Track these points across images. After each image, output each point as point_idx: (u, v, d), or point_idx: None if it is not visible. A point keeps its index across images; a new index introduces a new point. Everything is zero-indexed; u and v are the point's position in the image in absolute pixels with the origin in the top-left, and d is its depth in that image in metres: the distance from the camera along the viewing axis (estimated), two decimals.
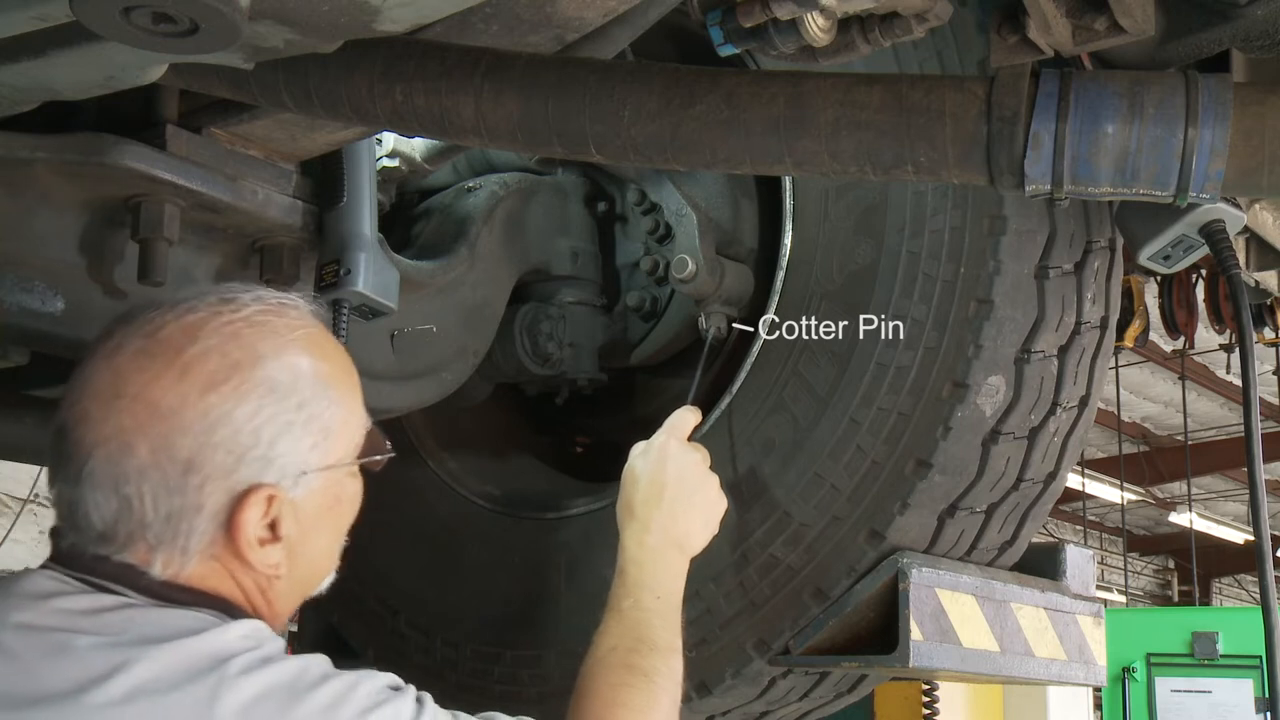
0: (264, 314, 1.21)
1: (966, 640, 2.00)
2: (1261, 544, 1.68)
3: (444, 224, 2.37)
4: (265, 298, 1.23)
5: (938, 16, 1.38)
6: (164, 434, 1.13)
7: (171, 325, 1.17)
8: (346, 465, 1.26)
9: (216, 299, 1.21)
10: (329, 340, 1.27)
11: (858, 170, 1.42)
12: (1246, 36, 1.47)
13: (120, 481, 1.13)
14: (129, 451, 1.12)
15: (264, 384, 1.17)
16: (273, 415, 1.17)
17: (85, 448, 1.14)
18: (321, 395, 1.21)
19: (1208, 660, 7.02)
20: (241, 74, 1.45)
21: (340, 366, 1.27)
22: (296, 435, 1.19)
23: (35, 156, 1.65)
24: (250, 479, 1.16)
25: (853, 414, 2.01)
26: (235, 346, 1.17)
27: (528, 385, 2.62)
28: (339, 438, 1.24)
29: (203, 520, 1.15)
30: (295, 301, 1.25)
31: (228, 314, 1.19)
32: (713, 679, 2.14)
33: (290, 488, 1.19)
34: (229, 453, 1.14)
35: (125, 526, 1.14)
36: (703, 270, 2.27)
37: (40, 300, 1.74)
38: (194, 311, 1.19)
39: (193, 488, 1.13)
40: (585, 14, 1.49)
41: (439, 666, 2.52)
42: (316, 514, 1.24)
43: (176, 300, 1.21)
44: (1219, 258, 1.71)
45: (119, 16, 1.08)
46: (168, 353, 1.15)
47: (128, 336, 1.17)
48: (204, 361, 1.15)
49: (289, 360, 1.19)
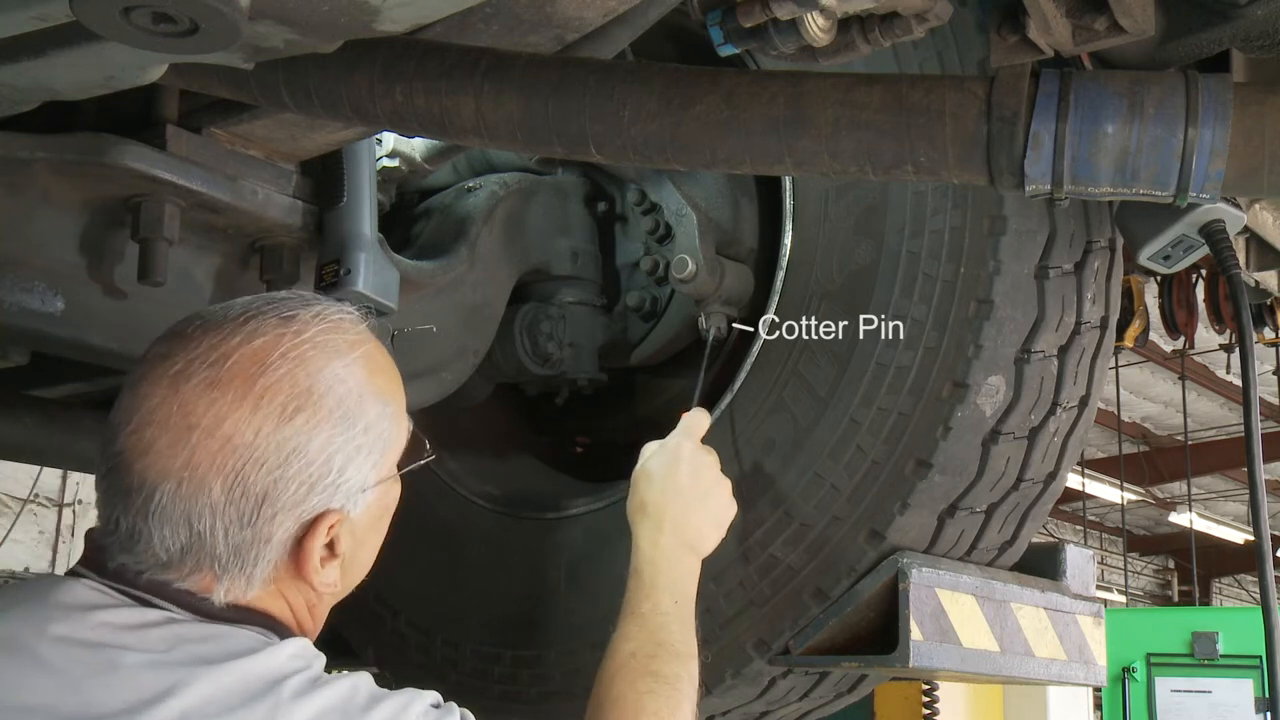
0: (325, 333, 1.19)
1: (966, 640, 2.00)
2: (1261, 544, 1.68)
3: (444, 224, 2.37)
4: (324, 313, 1.21)
5: (938, 16, 1.37)
6: (238, 468, 1.11)
7: (238, 353, 1.14)
8: (391, 476, 1.26)
9: (277, 319, 1.18)
10: (383, 352, 1.26)
11: (858, 170, 1.42)
12: (1246, 36, 1.47)
13: (193, 518, 1.11)
14: (202, 488, 1.10)
15: (335, 411, 1.16)
16: (344, 443, 1.16)
17: (152, 481, 1.11)
18: (384, 413, 1.21)
19: (1208, 660, 7.02)
20: (241, 74, 1.45)
21: (394, 380, 1.26)
22: (363, 458, 1.19)
23: (35, 156, 1.65)
24: (320, 507, 1.15)
25: (853, 414, 2.01)
26: (304, 373, 1.15)
27: (528, 385, 2.62)
28: (393, 450, 1.25)
29: (271, 550, 1.14)
30: (350, 313, 1.24)
31: (291, 337, 1.17)
32: (713, 679, 2.13)
33: (351, 508, 1.19)
34: (302, 484, 1.13)
35: (193, 559, 1.12)
36: (703, 270, 2.27)
37: (40, 300, 1.74)
38: (259, 335, 1.16)
39: (265, 520, 1.12)
40: (585, 14, 1.49)
41: (439, 666, 2.52)
42: (369, 525, 1.25)
43: (234, 317, 1.18)
44: (1219, 258, 1.71)
45: (119, 16, 1.08)
46: (238, 383, 1.12)
47: (192, 363, 1.14)
48: (276, 392, 1.13)
49: (355, 384, 1.18)
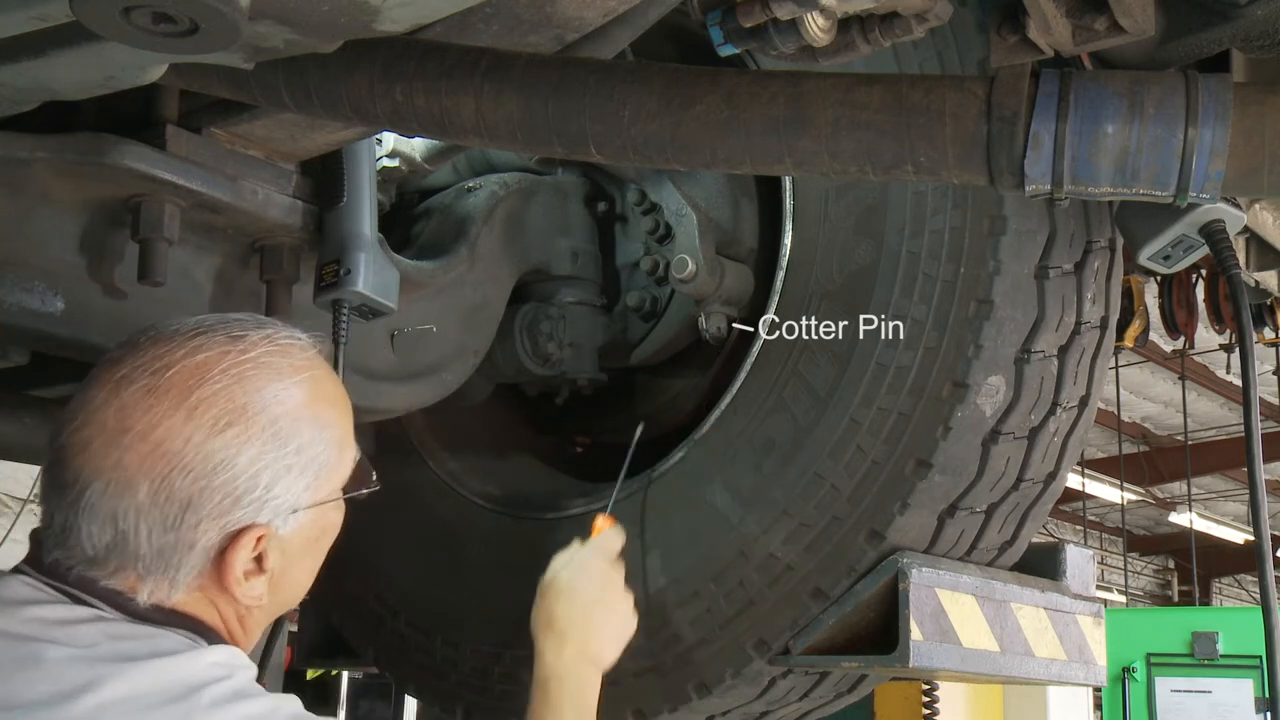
0: (270, 355, 1.22)
1: (966, 640, 2.00)
2: (1261, 544, 1.68)
3: (444, 224, 2.37)
4: (274, 336, 1.24)
5: (938, 16, 1.37)
6: (165, 474, 1.14)
7: (180, 364, 1.18)
8: (334, 500, 1.29)
9: (225, 336, 1.22)
10: (330, 380, 1.29)
11: (858, 170, 1.42)
12: (1246, 36, 1.47)
13: (118, 516, 1.14)
14: (129, 488, 1.14)
15: (267, 429, 1.19)
16: (273, 460, 1.19)
17: (85, 477, 1.15)
18: (320, 438, 1.24)
19: (1208, 660, 7.02)
20: (241, 74, 1.45)
21: (339, 407, 1.29)
22: (294, 478, 1.21)
23: (35, 156, 1.65)
24: (245, 520, 1.18)
25: (853, 414, 2.01)
26: (241, 390, 1.18)
27: (528, 385, 2.62)
28: (331, 475, 1.27)
29: (194, 556, 1.17)
30: (301, 339, 1.27)
31: (235, 354, 1.20)
32: (713, 679, 2.13)
33: (280, 526, 1.21)
34: (227, 495, 1.16)
35: (117, 557, 1.16)
36: (703, 270, 2.27)
37: (40, 300, 1.74)
38: (203, 350, 1.20)
39: (188, 526, 1.15)
40: (585, 14, 1.49)
41: (439, 666, 2.52)
42: (302, 546, 1.26)
43: (185, 329, 1.22)
44: (1219, 258, 1.71)
45: (119, 16, 1.08)
46: (175, 393, 1.16)
47: (136, 370, 1.18)
48: (210, 405, 1.17)
49: (292, 405, 1.21)
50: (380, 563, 2.62)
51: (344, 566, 2.66)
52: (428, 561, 2.57)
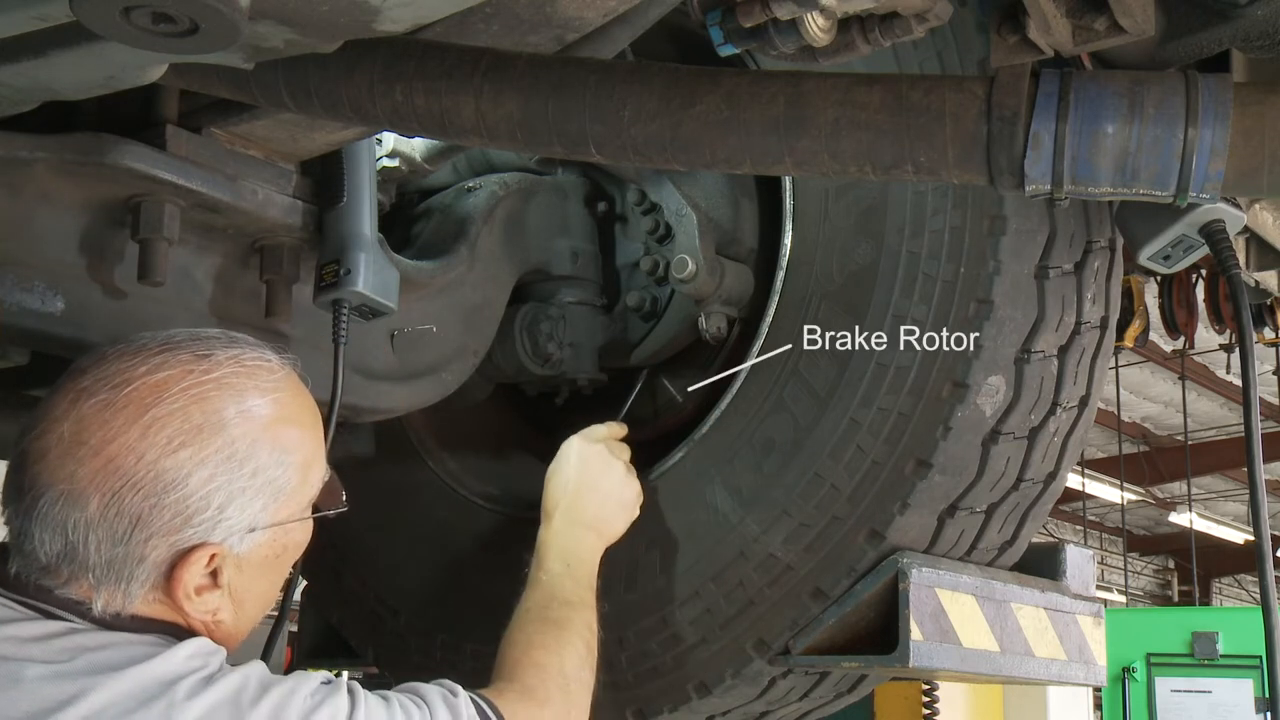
0: (236, 375, 1.23)
1: (966, 640, 2.00)
2: (1261, 544, 1.68)
3: (444, 224, 2.37)
4: (241, 357, 1.24)
5: (938, 16, 1.37)
6: (116, 489, 1.15)
7: (140, 380, 1.18)
8: (296, 519, 1.29)
9: (190, 355, 1.22)
10: (297, 402, 1.29)
11: (858, 170, 1.42)
12: (1246, 36, 1.47)
13: (69, 526, 1.15)
14: (80, 500, 1.15)
15: (221, 451, 1.19)
16: (226, 483, 1.19)
17: (39, 485, 1.16)
18: (279, 461, 1.24)
19: (1208, 660, 7.02)
20: (241, 74, 1.45)
21: (306, 429, 1.29)
22: (247, 499, 1.21)
23: (35, 156, 1.65)
24: (195, 539, 1.19)
25: (853, 414, 2.01)
26: (199, 410, 1.19)
27: (528, 385, 2.62)
28: (292, 497, 1.27)
29: (144, 569, 1.18)
30: (270, 360, 1.27)
31: (199, 373, 1.20)
32: (713, 679, 2.14)
33: (236, 544, 1.22)
34: (177, 514, 1.17)
35: (68, 566, 1.16)
36: (703, 270, 2.27)
37: (40, 300, 1.74)
38: (164, 369, 1.20)
39: (137, 541, 1.16)
40: (585, 14, 1.49)
41: (439, 666, 2.51)
42: (261, 563, 1.27)
43: (152, 344, 1.22)
44: (1219, 258, 1.71)
45: (119, 16, 1.08)
46: (131, 409, 1.17)
47: (98, 383, 1.19)
48: (166, 423, 1.17)
49: (252, 427, 1.21)
50: (380, 563, 2.62)
51: (344, 566, 2.66)
52: (428, 561, 2.57)
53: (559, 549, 1.86)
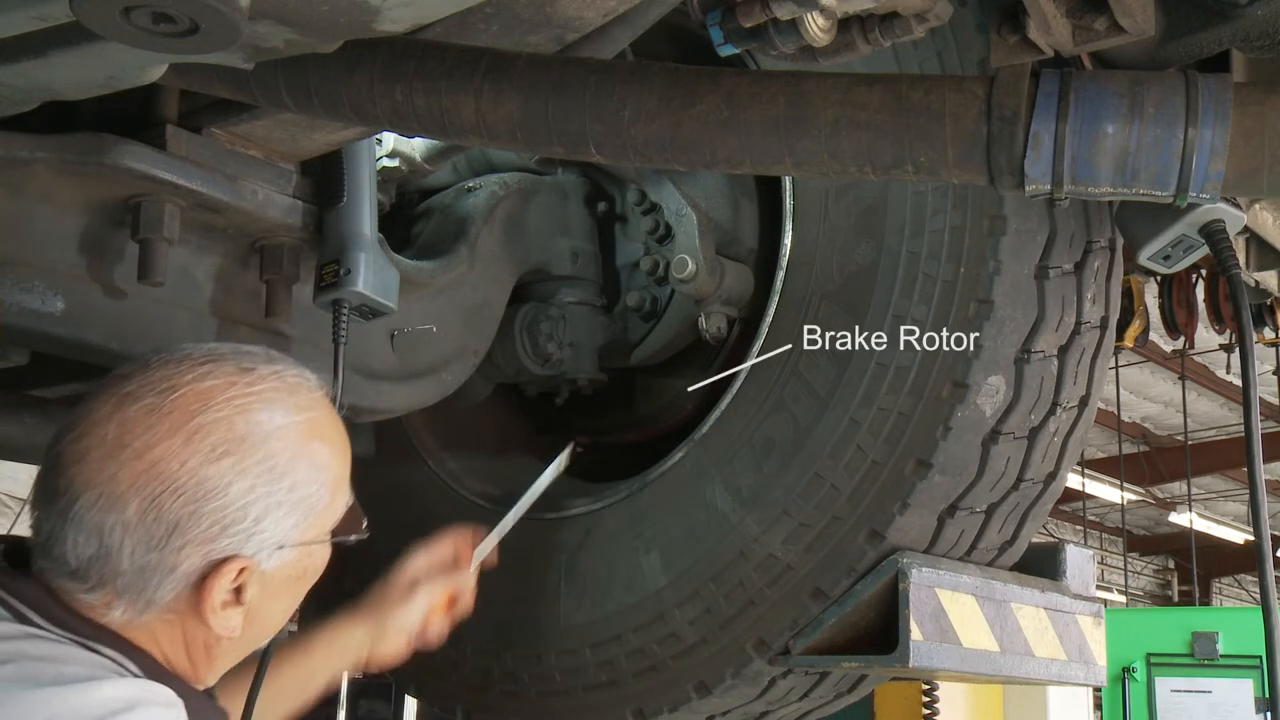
0: (278, 390, 1.23)
1: (966, 640, 2.00)
2: (1261, 544, 1.67)
3: (444, 224, 2.37)
4: (283, 373, 1.25)
5: (938, 16, 1.37)
6: (157, 494, 1.14)
7: (186, 388, 1.18)
8: (320, 542, 1.29)
9: (234, 366, 1.22)
10: (333, 423, 1.30)
11: (858, 170, 1.42)
12: (1246, 36, 1.47)
13: (105, 530, 1.14)
14: (119, 503, 1.14)
15: (263, 463, 1.19)
16: (264, 494, 1.19)
17: (76, 487, 1.15)
18: (314, 479, 1.24)
19: (1208, 660, 7.02)
20: (241, 74, 1.45)
21: (339, 450, 1.29)
22: (282, 514, 1.21)
23: (35, 156, 1.65)
24: (230, 550, 1.18)
25: (853, 414, 2.01)
26: (243, 421, 1.19)
27: (528, 385, 2.62)
28: (321, 516, 1.27)
29: (174, 579, 1.17)
30: (309, 379, 1.28)
31: (243, 385, 1.21)
32: (713, 679, 2.14)
33: (264, 560, 1.21)
34: (215, 523, 1.16)
35: (98, 570, 1.15)
36: (703, 270, 2.27)
37: (40, 300, 1.74)
38: (211, 377, 1.20)
39: (172, 549, 1.15)
40: (585, 14, 1.49)
41: (440, 666, 2.51)
42: (283, 583, 1.26)
43: (197, 354, 1.22)
44: (1219, 258, 1.71)
45: (119, 16, 1.08)
46: (177, 415, 1.17)
47: (143, 388, 1.18)
48: (210, 431, 1.17)
49: (292, 442, 1.22)
50: (380, 563, 2.61)
51: (344, 567, 2.66)
52: None
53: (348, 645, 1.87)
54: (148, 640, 1.20)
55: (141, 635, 1.20)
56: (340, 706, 8.75)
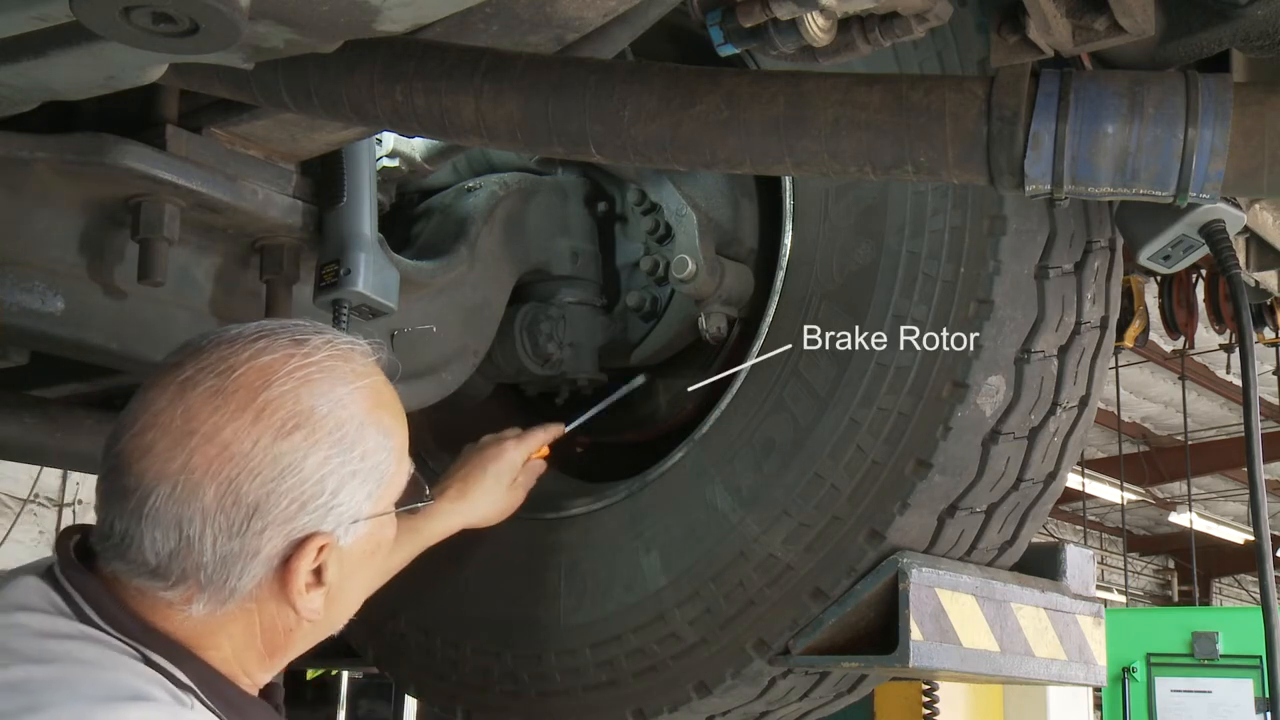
0: (334, 359, 1.21)
1: (966, 640, 2.00)
2: (1261, 544, 1.68)
3: (444, 224, 2.37)
4: (335, 341, 1.23)
5: (938, 16, 1.37)
6: (233, 477, 1.12)
7: (246, 366, 1.16)
8: (389, 512, 1.26)
9: (288, 339, 1.20)
10: (389, 389, 1.28)
11: (858, 170, 1.42)
12: (1246, 36, 1.47)
13: (184, 522, 1.11)
14: (195, 491, 1.11)
15: (334, 434, 1.17)
16: (339, 465, 1.17)
17: (149, 482, 1.12)
18: (382, 446, 1.22)
19: (1208, 660, 7.02)
20: (241, 74, 1.45)
21: (398, 416, 1.27)
22: (357, 484, 1.19)
23: (35, 156, 1.65)
24: (310, 527, 1.16)
25: (853, 414, 2.01)
26: (308, 393, 1.17)
27: (528, 385, 2.62)
28: (390, 486, 1.25)
29: (256, 565, 1.14)
30: (362, 346, 1.26)
31: (300, 358, 1.18)
32: (713, 679, 2.13)
33: (342, 536, 1.19)
34: (293, 500, 1.14)
35: (180, 564, 1.13)
36: (703, 270, 2.27)
37: (40, 300, 1.74)
38: (268, 352, 1.18)
39: (253, 533, 1.13)
40: (585, 14, 1.49)
41: (439, 666, 2.52)
42: (359, 559, 1.24)
43: (247, 334, 1.20)
44: (1219, 258, 1.71)
45: (119, 16, 1.08)
46: (242, 394, 1.14)
47: (200, 372, 1.16)
48: (278, 406, 1.15)
49: (356, 411, 1.20)
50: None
51: None
52: (428, 561, 2.57)
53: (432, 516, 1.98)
54: (217, 636, 1.17)
55: (211, 631, 1.17)
56: (340, 706, 8.75)
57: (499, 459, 2.06)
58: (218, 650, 1.18)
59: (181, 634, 1.16)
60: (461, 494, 2.02)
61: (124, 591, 1.15)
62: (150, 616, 1.15)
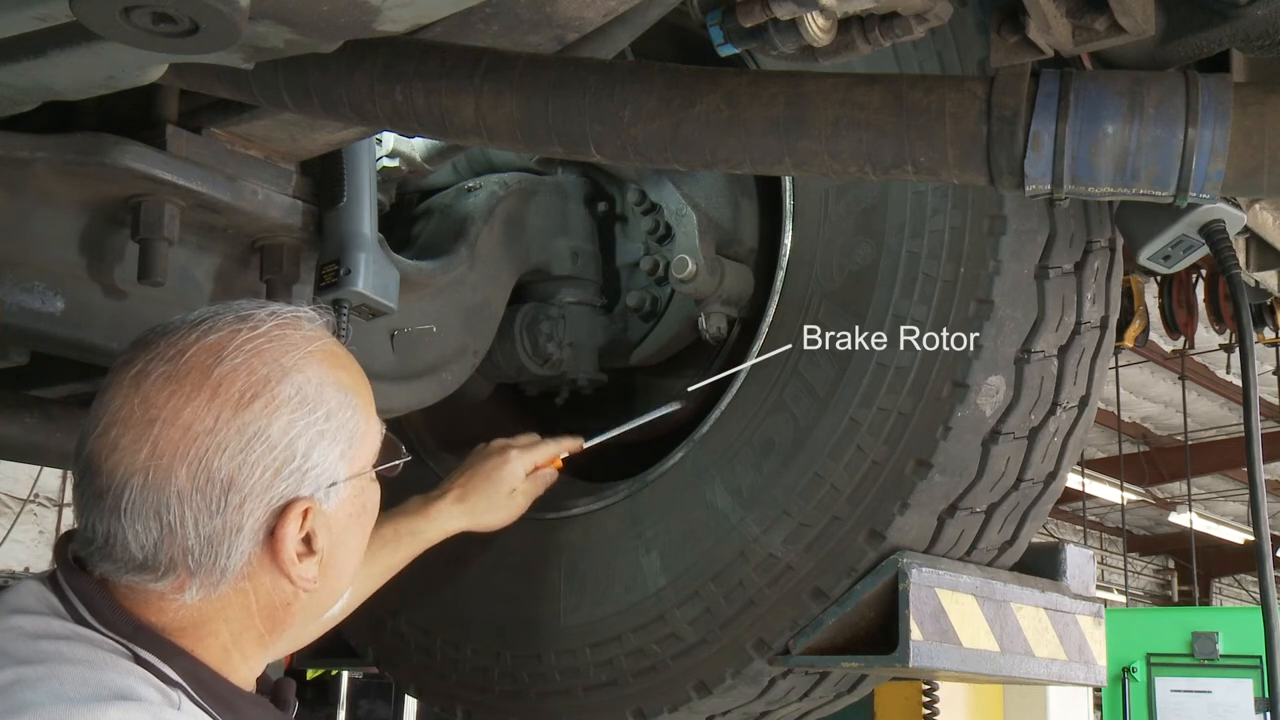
0: (281, 328, 1.22)
1: (966, 640, 2.00)
2: (1261, 544, 1.68)
3: (444, 224, 2.37)
4: (279, 312, 1.24)
5: (938, 16, 1.37)
6: (201, 455, 1.13)
7: (194, 347, 1.17)
8: (369, 472, 1.27)
9: (233, 316, 1.22)
10: (344, 351, 1.29)
11: (858, 170, 1.42)
12: (1246, 36, 1.47)
13: (162, 509, 1.12)
14: (169, 477, 1.12)
15: (293, 398, 1.18)
16: (305, 427, 1.18)
17: (121, 478, 1.13)
18: (345, 404, 1.23)
19: (1208, 660, 7.02)
20: (241, 74, 1.45)
21: (357, 376, 1.28)
22: (327, 445, 1.20)
23: (35, 156, 1.65)
24: (288, 494, 1.16)
25: (853, 414, 2.01)
26: (260, 362, 1.18)
27: (528, 385, 2.62)
28: (363, 445, 1.26)
29: (243, 540, 1.15)
30: (308, 314, 1.27)
31: (246, 331, 1.20)
32: (713, 679, 2.14)
33: (324, 500, 1.20)
34: (267, 469, 1.15)
35: (166, 553, 1.13)
36: (703, 270, 2.27)
37: (40, 300, 1.74)
38: (214, 331, 1.19)
39: (233, 507, 1.14)
40: (585, 14, 1.49)
41: (439, 666, 2.52)
42: (345, 524, 1.24)
43: (191, 320, 1.22)
44: (1219, 258, 1.71)
45: (119, 16, 1.08)
46: (195, 374, 1.15)
47: (150, 362, 1.17)
48: (232, 380, 1.16)
49: (312, 372, 1.21)
50: None
51: None
52: (428, 561, 2.57)
53: (432, 517, 2.02)
54: (214, 622, 1.17)
55: (208, 617, 1.17)
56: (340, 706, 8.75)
57: (501, 467, 2.05)
58: (215, 638, 1.18)
59: (177, 624, 1.16)
60: (462, 497, 2.02)
61: (115, 590, 1.16)
62: (143, 611, 1.15)
